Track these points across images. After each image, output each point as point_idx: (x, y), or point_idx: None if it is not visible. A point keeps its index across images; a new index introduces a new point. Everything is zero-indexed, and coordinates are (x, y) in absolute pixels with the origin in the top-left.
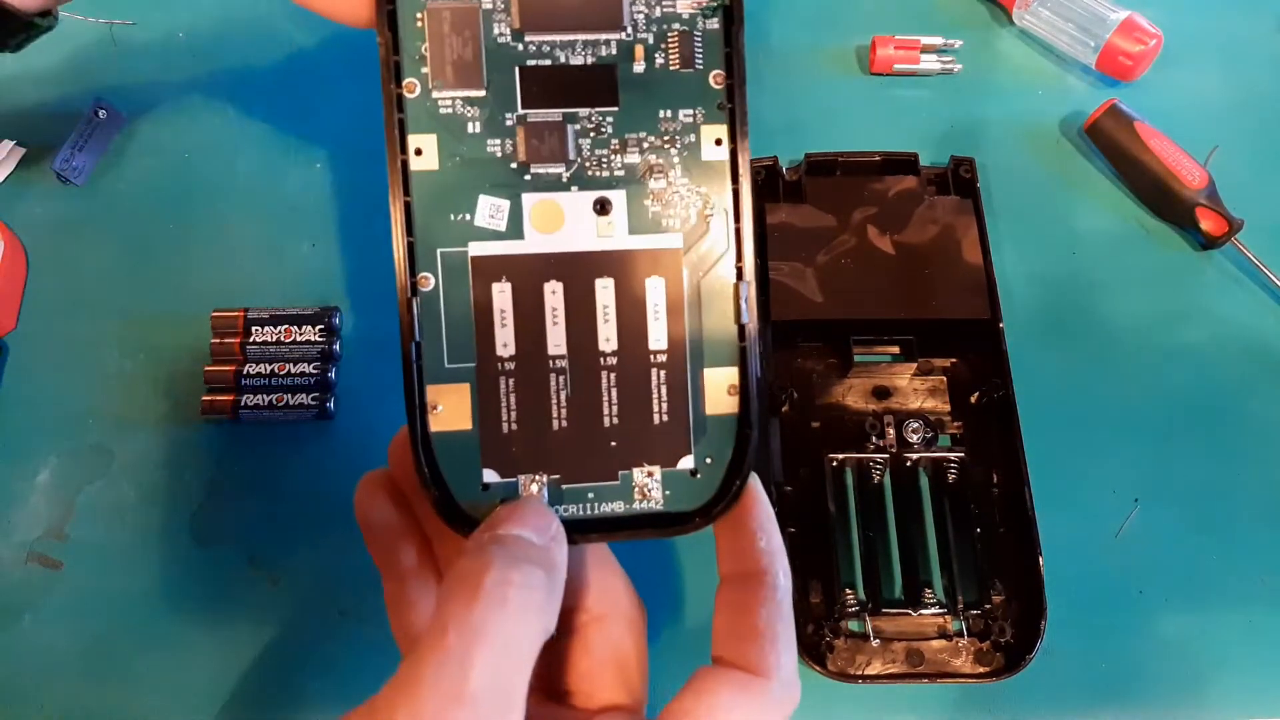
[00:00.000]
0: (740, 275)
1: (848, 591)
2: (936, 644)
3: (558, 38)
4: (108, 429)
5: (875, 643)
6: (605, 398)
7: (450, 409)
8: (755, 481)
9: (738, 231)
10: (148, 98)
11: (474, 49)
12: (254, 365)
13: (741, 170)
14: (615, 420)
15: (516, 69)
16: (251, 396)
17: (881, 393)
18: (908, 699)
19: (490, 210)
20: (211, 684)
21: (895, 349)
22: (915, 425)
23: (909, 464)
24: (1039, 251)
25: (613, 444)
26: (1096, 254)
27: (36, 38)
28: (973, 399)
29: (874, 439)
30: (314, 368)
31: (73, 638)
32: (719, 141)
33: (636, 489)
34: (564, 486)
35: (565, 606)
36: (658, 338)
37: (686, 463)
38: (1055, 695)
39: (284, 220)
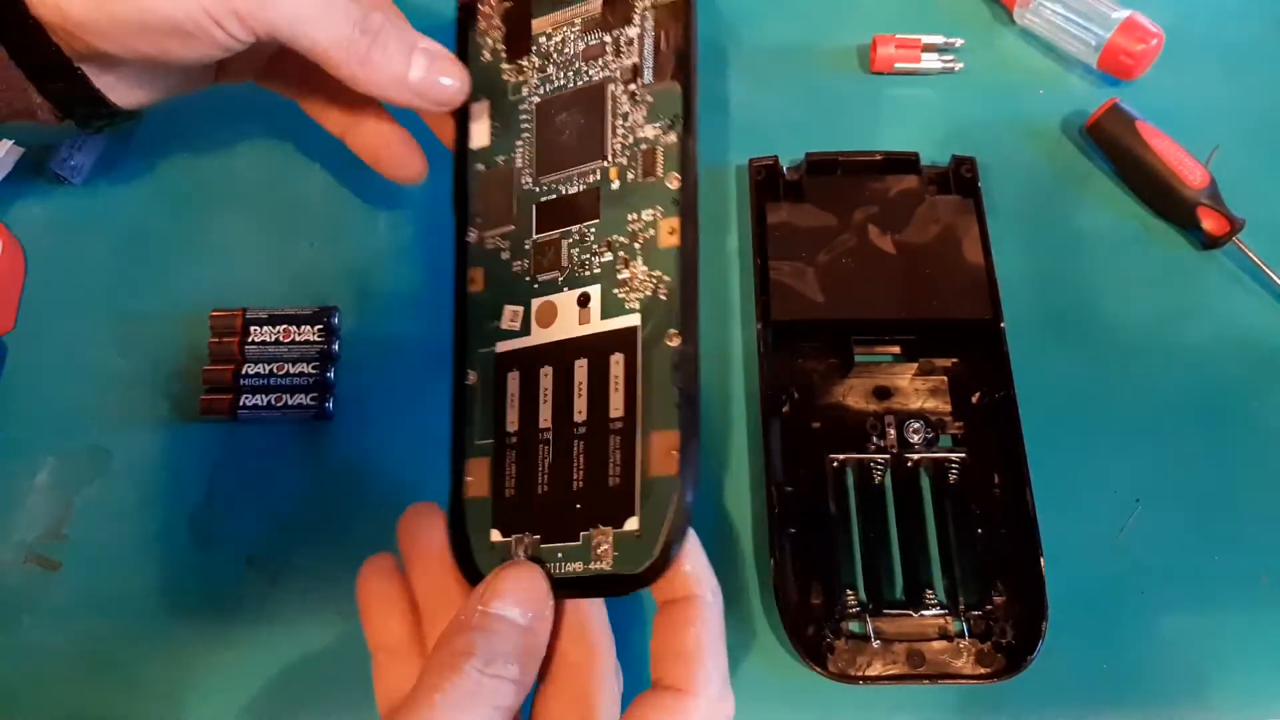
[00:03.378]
0: (683, 343)
1: (848, 592)
2: (937, 645)
3: (561, 174)
4: (106, 429)
5: (876, 644)
6: (575, 464)
7: (476, 479)
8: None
9: (682, 305)
10: None
11: (507, 196)
12: (253, 365)
13: (688, 253)
14: (581, 484)
15: (533, 206)
16: (250, 396)
17: (882, 393)
18: (909, 700)
19: (511, 315)
20: (209, 685)
21: (896, 349)
22: (916, 426)
23: (910, 464)
24: (1040, 251)
25: (578, 506)
26: (1098, 254)
27: (120, 125)
28: (974, 399)
29: (875, 439)
30: (313, 368)
31: (71, 639)
32: (672, 231)
33: (593, 550)
34: (543, 546)
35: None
36: (616, 406)
37: (632, 524)
38: (1057, 696)
39: (283, 220)
